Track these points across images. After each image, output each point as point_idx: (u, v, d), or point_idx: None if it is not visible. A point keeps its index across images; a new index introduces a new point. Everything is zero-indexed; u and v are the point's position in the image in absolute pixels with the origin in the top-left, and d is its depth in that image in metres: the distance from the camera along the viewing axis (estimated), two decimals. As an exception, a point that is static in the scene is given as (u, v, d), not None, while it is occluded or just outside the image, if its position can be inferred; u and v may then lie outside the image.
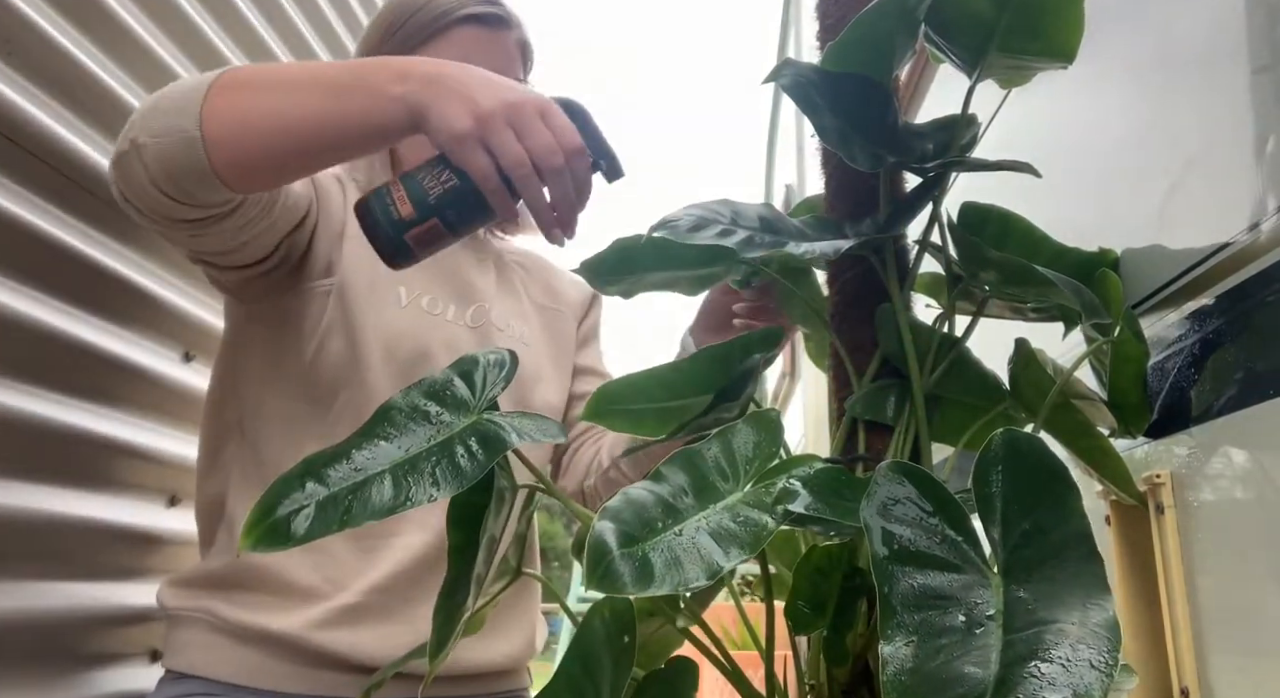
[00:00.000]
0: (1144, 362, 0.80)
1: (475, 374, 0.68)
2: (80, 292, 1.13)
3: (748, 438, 0.64)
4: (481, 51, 1.10)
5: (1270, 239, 0.69)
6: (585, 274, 0.89)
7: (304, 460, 0.61)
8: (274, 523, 0.56)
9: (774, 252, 0.75)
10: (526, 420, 0.64)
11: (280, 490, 0.58)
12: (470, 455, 0.59)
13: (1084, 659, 0.42)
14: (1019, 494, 0.51)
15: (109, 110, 1.18)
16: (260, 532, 0.56)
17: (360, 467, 0.59)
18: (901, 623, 0.46)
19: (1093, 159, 1.05)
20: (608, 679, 0.63)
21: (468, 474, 0.58)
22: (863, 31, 0.80)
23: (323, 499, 0.57)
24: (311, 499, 0.57)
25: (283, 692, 1.01)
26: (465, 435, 0.61)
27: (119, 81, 1.21)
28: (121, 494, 1.22)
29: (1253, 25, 0.73)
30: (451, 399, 0.65)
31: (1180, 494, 0.81)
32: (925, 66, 1.90)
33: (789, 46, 6.49)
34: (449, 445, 0.60)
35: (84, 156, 1.13)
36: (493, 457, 0.59)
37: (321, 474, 0.59)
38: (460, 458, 0.59)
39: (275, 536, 0.56)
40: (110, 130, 1.21)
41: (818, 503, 0.57)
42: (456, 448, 0.60)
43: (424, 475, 0.58)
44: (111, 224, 1.19)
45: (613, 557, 0.52)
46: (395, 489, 0.57)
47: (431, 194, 0.84)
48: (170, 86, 0.88)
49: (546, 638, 1.30)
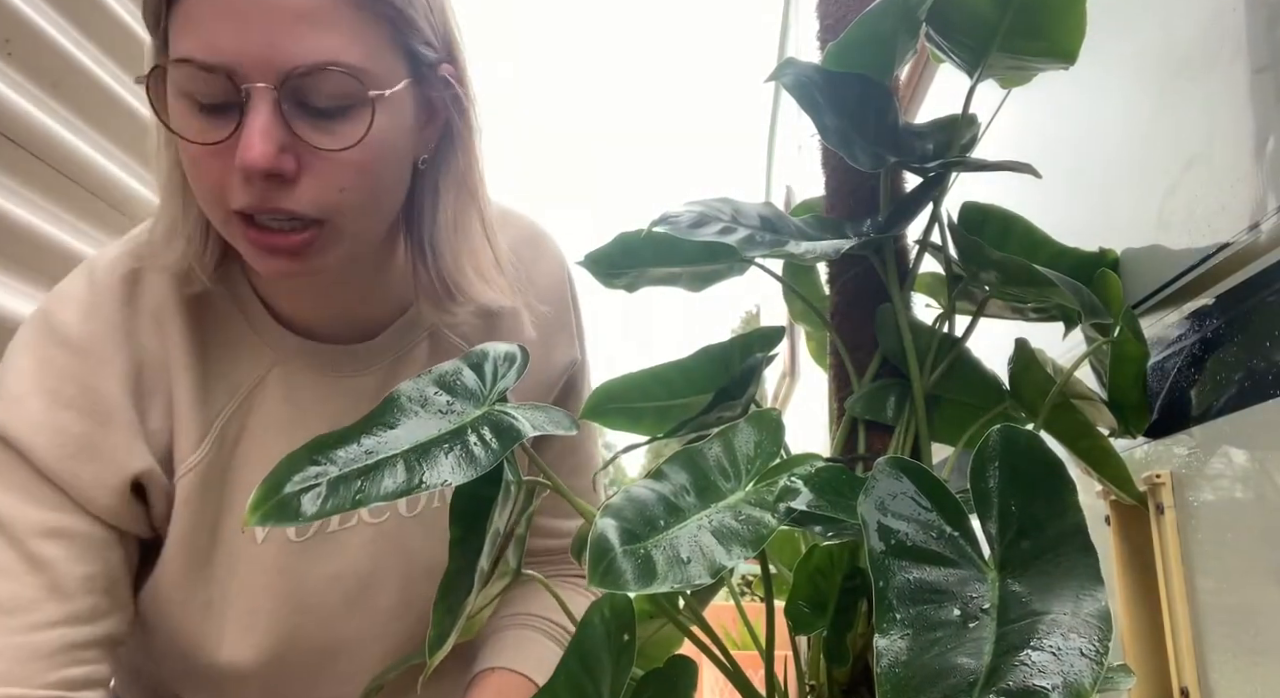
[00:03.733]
0: (1144, 362, 0.80)
1: (485, 365, 0.67)
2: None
3: (749, 437, 0.64)
4: (231, 16, 0.65)
5: (1270, 239, 0.69)
6: (590, 267, 0.90)
7: (309, 443, 0.58)
8: (282, 500, 0.55)
9: (774, 250, 0.75)
10: (538, 412, 0.64)
11: (288, 468, 0.56)
12: (484, 444, 0.59)
13: (1074, 648, 0.42)
14: (1015, 490, 0.52)
15: (109, 110, 1.18)
16: (268, 508, 0.54)
17: (371, 450, 0.58)
18: (897, 617, 0.46)
19: (1093, 159, 1.05)
20: (608, 677, 0.63)
21: (482, 462, 0.58)
22: (865, 31, 0.80)
23: (334, 478, 0.56)
24: (323, 478, 0.56)
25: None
26: (478, 424, 0.61)
27: (119, 81, 1.21)
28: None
29: (1253, 25, 0.73)
30: (462, 389, 0.65)
31: (1180, 494, 0.81)
32: (925, 66, 1.90)
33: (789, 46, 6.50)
34: (462, 433, 0.60)
35: (84, 157, 1.13)
36: (507, 446, 0.59)
37: (330, 455, 0.57)
38: (474, 446, 0.59)
39: (284, 512, 0.54)
40: (110, 130, 1.21)
41: (819, 501, 0.57)
42: (470, 436, 0.60)
43: (437, 461, 0.57)
44: (112, 224, 1.19)
45: (615, 554, 0.53)
46: (408, 473, 0.56)
47: None
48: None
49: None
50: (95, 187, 1.14)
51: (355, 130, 0.68)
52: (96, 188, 1.15)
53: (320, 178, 0.68)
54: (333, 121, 0.68)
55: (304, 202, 0.68)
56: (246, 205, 0.68)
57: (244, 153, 0.65)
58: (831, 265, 0.88)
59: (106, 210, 1.17)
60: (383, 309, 0.85)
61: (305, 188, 0.68)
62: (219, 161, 0.67)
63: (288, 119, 0.66)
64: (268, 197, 0.67)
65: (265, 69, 0.65)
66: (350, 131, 0.68)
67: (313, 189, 0.68)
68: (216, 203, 0.69)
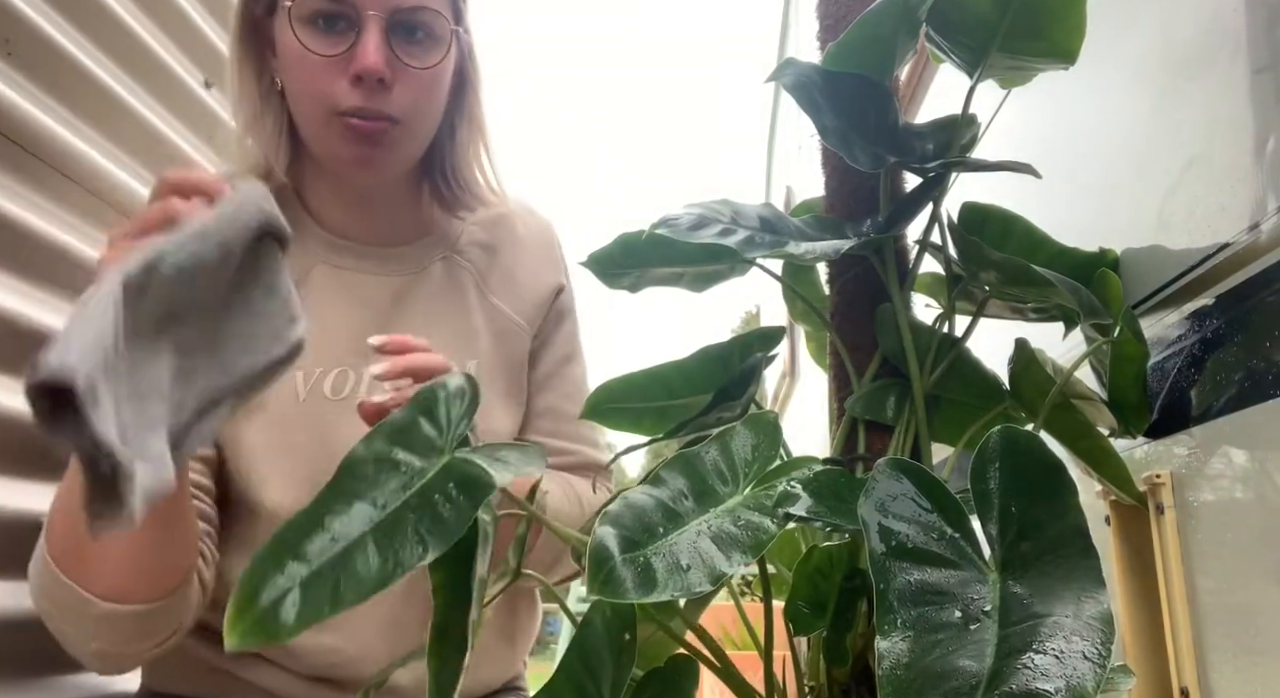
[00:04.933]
0: (1144, 362, 0.80)
1: (438, 409, 0.61)
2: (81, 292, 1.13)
3: (746, 441, 0.64)
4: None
5: (1270, 239, 0.69)
6: (592, 268, 0.90)
7: (275, 536, 0.53)
8: (261, 614, 0.49)
9: (774, 251, 0.75)
10: (505, 450, 0.59)
11: (258, 575, 0.50)
12: (452, 502, 0.54)
13: (1077, 651, 0.42)
14: (1016, 491, 0.52)
15: (109, 110, 1.18)
16: (246, 625, 0.49)
17: (338, 536, 0.52)
18: (898, 619, 0.46)
19: (1093, 159, 1.05)
20: (609, 676, 0.63)
21: (452, 525, 0.53)
22: (865, 32, 0.80)
23: (305, 578, 0.50)
24: (294, 580, 0.50)
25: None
26: (441, 481, 0.56)
27: (119, 81, 1.21)
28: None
29: (1253, 25, 0.73)
30: (420, 442, 0.59)
31: (1180, 494, 0.81)
32: (925, 66, 1.90)
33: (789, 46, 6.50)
34: (426, 495, 0.54)
35: (84, 156, 1.13)
36: (477, 502, 0.54)
37: (298, 549, 0.51)
38: (443, 508, 0.53)
39: (265, 627, 0.48)
40: (110, 130, 1.21)
41: (818, 506, 0.57)
42: (435, 496, 0.54)
43: (408, 536, 0.52)
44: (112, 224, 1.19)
45: (615, 563, 0.52)
46: (381, 557, 0.51)
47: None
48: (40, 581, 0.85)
49: (539, 635, 1.27)
50: (95, 186, 1.14)
51: (435, 55, 0.96)
52: (96, 188, 1.15)
53: (407, 87, 0.94)
54: (419, 47, 0.95)
55: (394, 103, 0.94)
56: (354, 104, 0.92)
57: (362, 59, 0.91)
58: (831, 265, 0.88)
59: (107, 210, 1.17)
60: (404, 230, 1.08)
61: (396, 93, 0.94)
62: (331, 70, 0.92)
63: (390, 41, 0.92)
64: (371, 97, 0.93)
65: (380, 3, 0.91)
66: (431, 56, 0.96)
67: (401, 94, 0.94)
68: (321, 104, 0.94)
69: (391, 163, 0.99)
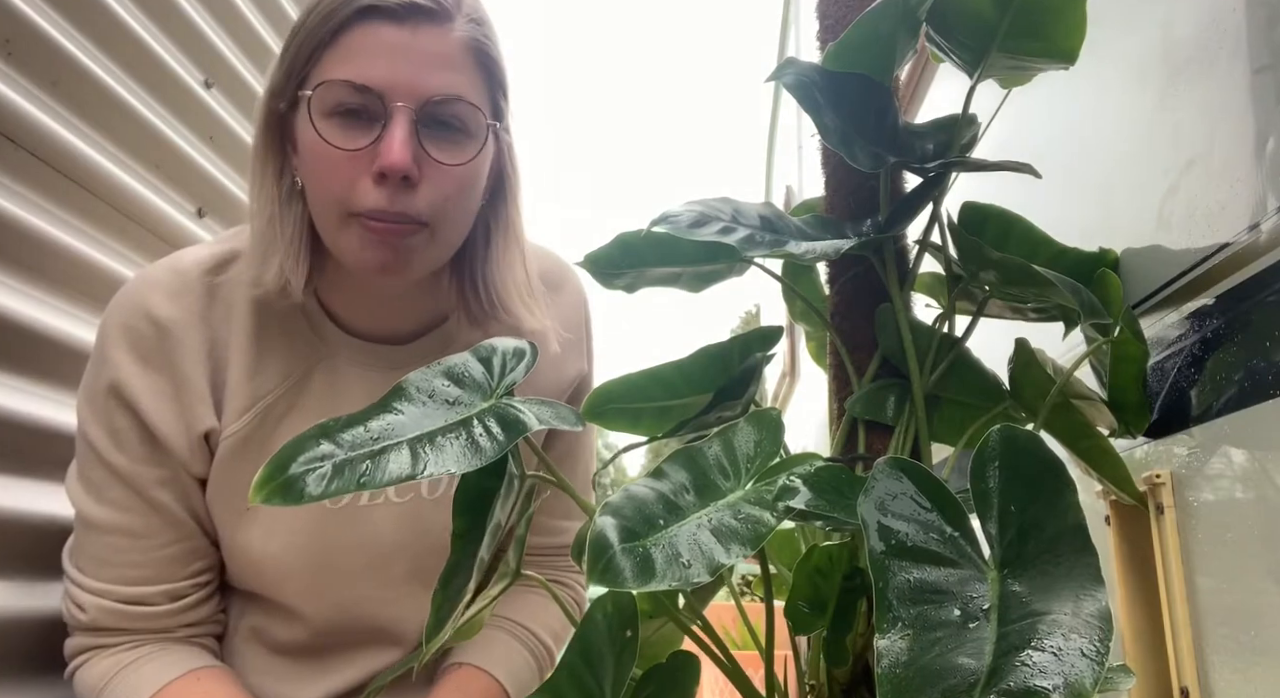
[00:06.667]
0: (1144, 362, 0.80)
1: (494, 359, 0.68)
2: (81, 291, 1.13)
3: (749, 437, 0.64)
4: (385, 53, 0.82)
5: (1270, 239, 0.69)
6: (589, 267, 0.90)
7: (317, 425, 0.60)
8: (287, 480, 0.55)
9: (774, 250, 0.75)
10: (544, 407, 0.64)
11: (294, 449, 0.57)
12: (489, 435, 0.60)
13: (1075, 648, 0.42)
14: (1015, 490, 0.52)
15: (109, 110, 1.18)
16: (273, 488, 0.55)
17: (377, 436, 0.59)
18: (897, 617, 0.46)
19: (1093, 159, 1.05)
20: (610, 673, 0.63)
21: (486, 453, 0.58)
22: (865, 31, 0.80)
23: (339, 461, 0.56)
24: (328, 460, 0.56)
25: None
26: (485, 416, 0.62)
27: (119, 81, 1.21)
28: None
29: (1253, 25, 0.73)
30: (470, 381, 0.66)
31: (1180, 494, 0.81)
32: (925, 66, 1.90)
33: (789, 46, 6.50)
34: (468, 424, 0.61)
35: (84, 156, 1.13)
36: (513, 438, 0.59)
37: (337, 438, 0.58)
38: (479, 436, 0.59)
39: (288, 492, 0.55)
40: (110, 130, 1.21)
41: (818, 500, 0.57)
42: (475, 427, 0.60)
43: (442, 449, 0.58)
44: (112, 224, 1.19)
45: (614, 552, 0.53)
46: (413, 459, 0.57)
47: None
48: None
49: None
50: (95, 187, 1.14)
51: (468, 151, 0.86)
52: (96, 188, 1.15)
53: (436, 185, 0.84)
54: (451, 142, 0.85)
55: (420, 204, 0.83)
56: (375, 205, 0.82)
57: (387, 155, 0.80)
58: (831, 265, 0.88)
59: (106, 210, 1.18)
60: (420, 322, 1.00)
61: (423, 193, 0.83)
62: (352, 167, 0.82)
63: (419, 135, 0.82)
64: (395, 198, 0.82)
65: (409, 94, 0.81)
66: (464, 151, 0.85)
67: (429, 194, 0.84)
68: (340, 204, 0.84)
69: (415, 269, 0.87)
